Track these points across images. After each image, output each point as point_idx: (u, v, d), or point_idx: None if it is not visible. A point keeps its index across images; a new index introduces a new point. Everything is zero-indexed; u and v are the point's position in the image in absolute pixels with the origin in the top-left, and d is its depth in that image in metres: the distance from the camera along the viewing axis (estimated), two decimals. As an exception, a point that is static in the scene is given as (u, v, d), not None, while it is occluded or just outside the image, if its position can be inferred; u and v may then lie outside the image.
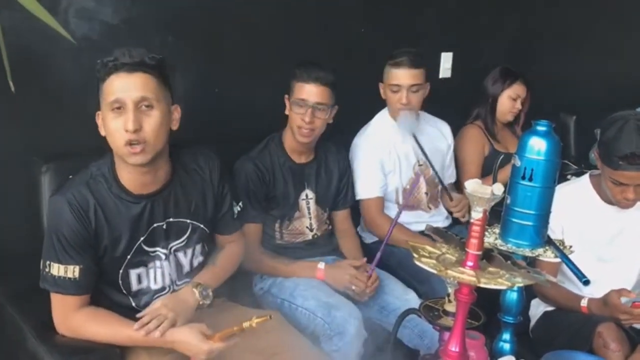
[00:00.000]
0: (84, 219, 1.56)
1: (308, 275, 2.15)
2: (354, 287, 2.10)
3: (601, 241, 2.04)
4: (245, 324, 1.54)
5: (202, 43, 2.29)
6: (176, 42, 2.19)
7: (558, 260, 1.49)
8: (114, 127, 1.52)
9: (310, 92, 2.11)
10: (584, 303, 1.96)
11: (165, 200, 1.67)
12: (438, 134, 2.66)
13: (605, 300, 1.88)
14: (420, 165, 2.54)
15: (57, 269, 1.55)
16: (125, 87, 1.50)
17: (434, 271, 1.28)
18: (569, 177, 2.67)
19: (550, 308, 2.14)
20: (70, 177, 1.64)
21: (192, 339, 1.54)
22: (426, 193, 2.56)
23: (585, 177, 2.12)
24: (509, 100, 2.93)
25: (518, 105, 2.94)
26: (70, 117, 1.95)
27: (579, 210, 2.02)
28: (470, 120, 3.00)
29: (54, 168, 1.87)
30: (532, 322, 2.16)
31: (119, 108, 1.51)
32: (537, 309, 2.16)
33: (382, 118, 2.55)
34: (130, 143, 1.51)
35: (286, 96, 2.19)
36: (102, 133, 1.58)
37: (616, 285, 1.92)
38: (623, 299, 1.85)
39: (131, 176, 1.61)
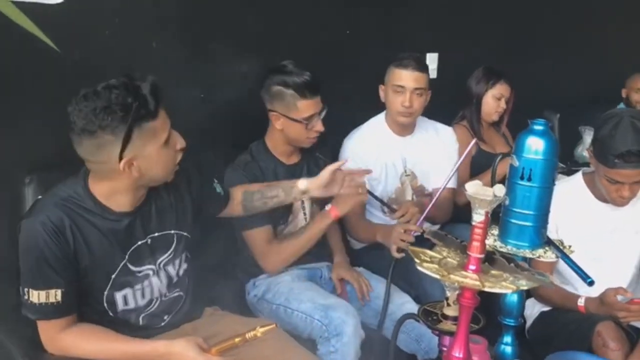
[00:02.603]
0: (61, 240, 1.48)
1: (325, 221, 2.10)
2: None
3: (596, 239, 2.04)
4: (249, 335, 1.50)
5: (186, 48, 2.25)
6: (161, 48, 2.15)
7: (553, 260, 1.47)
8: (169, 158, 1.55)
9: (312, 107, 2.11)
10: (580, 302, 1.96)
11: (146, 215, 1.62)
12: (432, 142, 2.57)
13: (602, 298, 1.88)
14: (407, 175, 2.51)
15: (37, 296, 1.48)
16: (166, 118, 1.52)
17: (437, 276, 1.25)
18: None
19: (546, 308, 2.13)
20: (39, 197, 1.58)
21: (189, 352, 1.49)
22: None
23: (579, 175, 2.12)
24: (494, 100, 2.94)
25: (502, 104, 2.95)
26: (54, 127, 1.89)
27: (573, 208, 2.01)
28: (456, 120, 3.00)
29: (37, 180, 1.82)
30: (529, 323, 2.15)
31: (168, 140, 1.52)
32: (533, 309, 2.15)
33: (376, 123, 2.53)
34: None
35: (274, 113, 2.15)
36: (135, 175, 1.50)
37: (612, 283, 1.91)
38: (619, 297, 1.85)
39: (117, 195, 1.54)
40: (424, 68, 2.39)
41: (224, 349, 1.51)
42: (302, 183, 1.94)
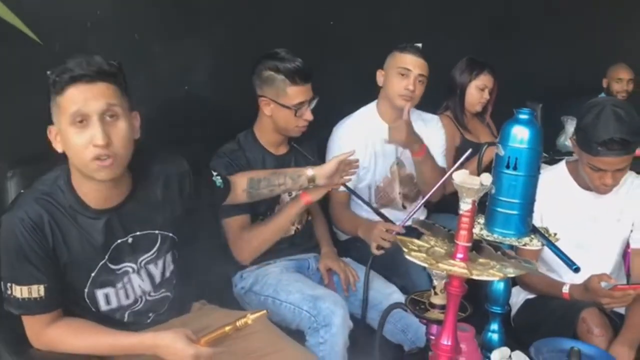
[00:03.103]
0: (40, 236, 1.46)
1: (296, 207, 2.07)
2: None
3: (579, 227, 2.06)
4: (240, 322, 1.49)
5: (169, 40, 2.23)
6: (142, 40, 2.13)
7: (539, 247, 1.49)
8: (79, 143, 1.41)
9: (303, 94, 2.11)
10: (565, 289, 1.98)
11: (129, 213, 1.58)
12: (422, 130, 2.53)
13: (586, 285, 1.90)
14: (397, 164, 2.51)
15: (19, 291, 1.46)
16: (87, 98, 1.40)
17: (425, 265, 1.26)
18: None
19: (531, 295, 2.15)
20: (22, 191, 1.55)
21: (177, 343, 1.48)
22: (399, 193, 2.54)
23: (562, 164, 2.14)
24: (477, 91, 2.96)
25: (486, 95, 2.97)
26: (36, 120, 1.87)
27: (557, 196, 2.03)
28: (440, 111, 3.01)
29: (20, 173, 1.79)
30: (514, 310, 2.17)
31: (81, 122, 1.40)
32: (518, 296, 2.17)
33: (367, 111, 2.52)
34: (98, 157, 1.41)
35: (264, 99, 2.14)
36: (59, 149, 1.46)
37: (595, 270, 1.93)
38: (603, 284, 1.87)
39: (93, 191, 1.51)
40: (426, 57, 2.43)
41: (213, 338, 1.50)
42: (310, 170, 1.95)
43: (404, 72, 2.38)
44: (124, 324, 1.62)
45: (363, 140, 2.43)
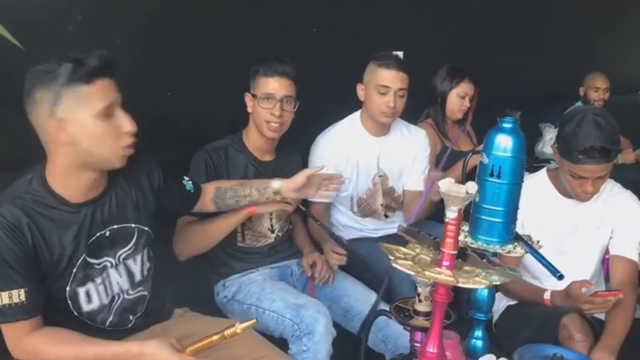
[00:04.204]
0: (20, 238, 1.45)
1: (238, 216, 2.02)
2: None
3: (560, 234, 2.08)
4: (228, 332, 1.48)
5: (152, 44, 2.21)
6: (125, 44, 2.11)
7: (522, 254, 1.50)
8: (110, 133, 1.48)
9: (276, 86, 2.09)
10: (547, 296, 1.99)
11: (105, 206, 1.59)
12: (406, 144, 2.58)
13: (567, 292, 1.91)
14: (380, 176, 2.52)
15: (0, 298, 1.44)
16: (112, 90, 1.48)
17: (412, 273, 1.26)
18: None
19: (512, 302, 2.17)
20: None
21: (162, 352, 1.47)
22: (382, 204, 2.55)
23: (543, 172, 2.16)
24: (458, 99, 2.99)
25: (466, 102, 3.00)
26: (11, 125, 1.84)
27: (538, 204, 2.05)
28: (421, 119, 3.03)
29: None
30: (495, 317, 2.18)
31: (107, 114, 1.47)
32: (500, 303, 2.18)
33: (351, 122, 2.52)
34: (130, 146, 1.52)
35: (247, 94, 2.14)
36: (64, 139, 1.46)
37: (575, 276, 1.95)
38: (584, 290, 1.89)
39: (79, 184, 1.52)
40: (405, 68, 2.38)
41: (199, 349, 1.49)
42: (276, 183, 1.93)
43: (383, 90, 2.35)
44: (105, 331, 1.61)
45: (346, 150, 2.43)
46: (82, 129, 1.45)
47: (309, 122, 2.51)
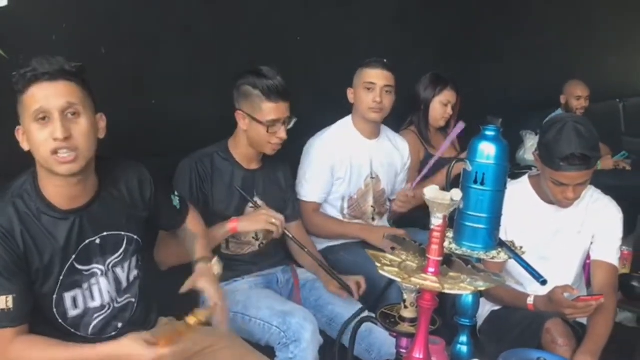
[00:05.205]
0: (11, 243, 1.45)
1: (222, 229, 2.06)
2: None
3: (542, 239, 2.11)
4: (191, 320, 1.48)
5: (137, 54, 2.21)
6: (110, 53, 2.11)
7: (505, 260, 1.52)
8: (41, 138, 1.44)
9: (282, 110, 2.12)
10: (530, 301, 2.02)
11: (96, 213, 1.59)
12: (393, 150, 2.71)
13: (550, 296, 1.94)
14: (372, 178, 2.59)
15: None
16: (48, 95, 1.43)
17: (398, 279, 1.28)
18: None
19: (496, 307, 2.19)
20: None
21: (136, 349, 1.44)
22: (372, 207, 2.61)
23: (525, 178, 2.19)
24: (441, 106, 3.02)
25: (449, 110, 3.03)
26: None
27: (520, 210, 2.07)
28: (404, 126, 3.06)
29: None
30: (479, 322, 2.20)
31: (43, 118, 1.43)
32: (484, 308, 2.20)
33: (344, 125, 2.60)
34: (56, 151, 1.44)
35: (240, 112, 2.15)
36: (26, 148, 1.49)
37: (558, 281, 1.98)
38: (566, 295, 1.92)
39: (59, 190, 1.51)
40: (390, 69, 2.51)
41: (170, 339, 1.46)
42: (216, 268, 1.80)
43: (369, 86, 2.47)
44: (87, 340, 1.60)
45: (340, 151, 2.51)
46: (30, 136, 1.46)
47: (294, 131, 2.53)
